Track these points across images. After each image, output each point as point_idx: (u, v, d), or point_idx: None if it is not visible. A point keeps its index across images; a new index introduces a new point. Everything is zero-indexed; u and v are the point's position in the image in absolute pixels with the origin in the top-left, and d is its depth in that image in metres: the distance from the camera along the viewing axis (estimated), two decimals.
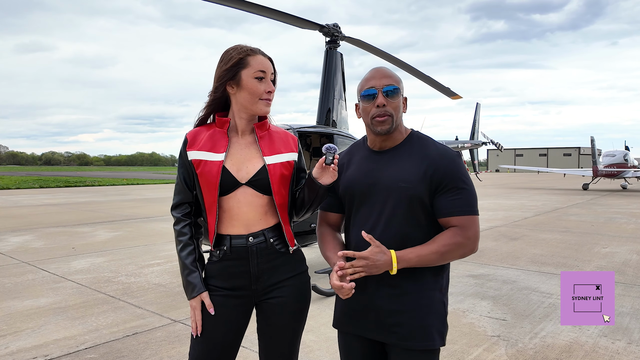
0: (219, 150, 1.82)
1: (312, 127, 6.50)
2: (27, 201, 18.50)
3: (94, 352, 3.65)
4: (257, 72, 1.79)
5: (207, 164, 1.80)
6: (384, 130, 1.73)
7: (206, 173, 1.80)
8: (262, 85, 1.80)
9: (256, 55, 1.81)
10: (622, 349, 3.67)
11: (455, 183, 1.67)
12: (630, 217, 12.65)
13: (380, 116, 1.71)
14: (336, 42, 7.11)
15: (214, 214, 1.81)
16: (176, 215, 1.88)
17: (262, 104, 1.82)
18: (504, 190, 26.03)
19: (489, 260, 7.11)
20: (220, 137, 1.85)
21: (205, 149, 1.83)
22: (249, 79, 1.79)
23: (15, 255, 7.55)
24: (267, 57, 1.84)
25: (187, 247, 1.84)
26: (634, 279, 5.91)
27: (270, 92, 1.83)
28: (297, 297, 1.87)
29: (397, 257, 1.61)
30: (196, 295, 1.79)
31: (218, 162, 1.80)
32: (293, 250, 1.89)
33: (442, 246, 1.63)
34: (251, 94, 1.80)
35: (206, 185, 1.81)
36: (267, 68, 1.82)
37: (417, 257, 1.62)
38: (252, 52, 1.81)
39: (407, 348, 1.68)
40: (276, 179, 1.83)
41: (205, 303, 1.80)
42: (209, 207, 1.82)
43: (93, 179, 39.65)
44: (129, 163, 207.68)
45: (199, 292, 1.79)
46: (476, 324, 4.28)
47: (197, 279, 1.81)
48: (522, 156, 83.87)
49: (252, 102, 1.81)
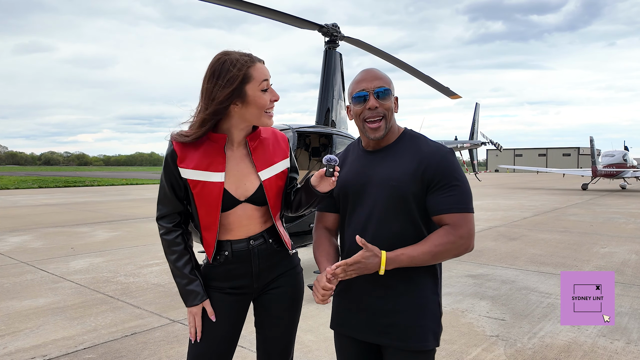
0: (217, 169, 1.73)
1: (311, 127, 6.50)
2: (26, 201, 18.47)
3: (92, 352, 3.65)
4: (262, 83, 1.68)
5: (207, 186, 1.72)
6: (379, 136, 1.72)
7: (205, 195, 1.73)
8: (268, 96, 1.71)
9: (255, 64, 1.68)
10: (620, 349, 3.67)
11: (447, 180, 1.65)
12: (629, 217, 12.65)
13: (373, 118, 1.71)
14: (335, 42, 7.10)
15: (214, 231, 1.78)
16: (165, 225, 1.80)
17: (266, 117, 1.74)
18: (503, 190, 26.04)
19: (488, 260, 7.11)
20: (216, 154, 1.75)
21: (201, 168, 1.72)
22: (256, 92, 1.68)
23: (14, 255, 7.54)
24: (262, 62, 1.73)
25: (184, 257, 1.79)
26: (633, 278, 5.91)
27: (275, 100, 1.75)
28: (293, 287, 1.92)
29: (387, 258, 1.60)
30: (198, 303, 1.78)
31: (219, 183, 1.72)
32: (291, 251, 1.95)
33: (434, 246, 1.61)
34: (259, 109, 1.71)
35: (205, 206, 1.75)
36: (268, 74, 1.72)
37: (409, 258, 1.61)
38: (251, 62, 1.68)
39: (401, 349, 1.67)
40: (273, 193, 1.83)
41: (207, 311, 1.79)
42: (207, 225, 1.78)
43: (92, 179, 39.62)
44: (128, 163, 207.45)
45: (202, 300, 1.78)
46: (475, 323, 4.28)
47: (198, 287, 1.78)
48: (521, 156, 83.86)
49: (259, 116, 1.73)
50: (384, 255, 1.60)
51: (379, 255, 1.60)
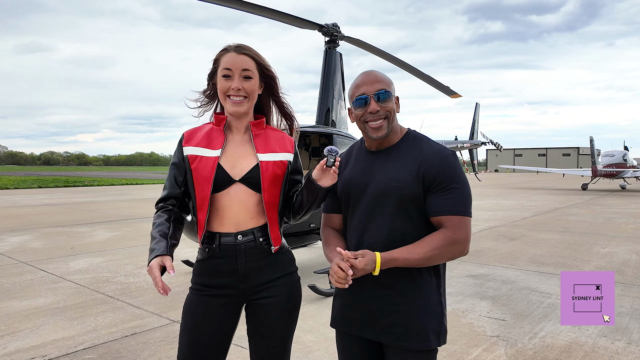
0: (215, 147, 1.83)
1: (311, 127, 6.49)
2: (26, 201, 18.46)
3: (92, 352, 3.64)
4: (222, 70, 1.79)
5: (203, 160, 1.81)
6: (381, 135, 1.72)
7: (201, 168, 1.80)
8: (228, 83, 1.79)
9: (227, 53, 1.81)
10: (621, 349, 3.67)
11: (447, 182, 1.64)
12: (629, 217, 12.66)
13: (375, 121, 1.71)
14: (335, 41, 7.10)
15: (204, 210, 1.79)
16: (158, 205, 1.88)
17: (229, 102, 1.80)
18: (503, 190, 26.04)
19: (488, 260, 7.11)
20: (217, 135, 1.86)
21: (201, 145, 1.84)
22: (219, 77, 1.81)
23: (14, 255, 7.53)
24: (244, 54, 1.80)
25: (162, 225, 1.78)
26: (633, 279, 5.91)
27: (239, 90, 1.78)
28: (287, 297, 1.86)
29: (382, 260, 1.59)
30: (153, 257, 1.67)
31: (213, 158, 1.80)
32: (277, 250, 1.85)
33: (429, 248, 1.61)
34: (220, 92, 1.81)
35: (200, 181, 1.80)
36: (234, 65, 1.77)
37: (404, 260, 1.60)
38: (225, 50, 1.82)
39: (402, 348, 1.67)
40: (268, 176, 1.81)
41: (166, 266, 1.64)
42: (200, 204, 1.81)
43: (92, 179, 39.61)
44: (128, 163, 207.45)
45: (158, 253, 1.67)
46: (475, 324, 4.28)
47: (160, 244, 1.70)
48: (521, 156, 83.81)
49: (223, 101, 1.82)
50: (379, 257, 1.60)
51: (373, 259, 1.59)
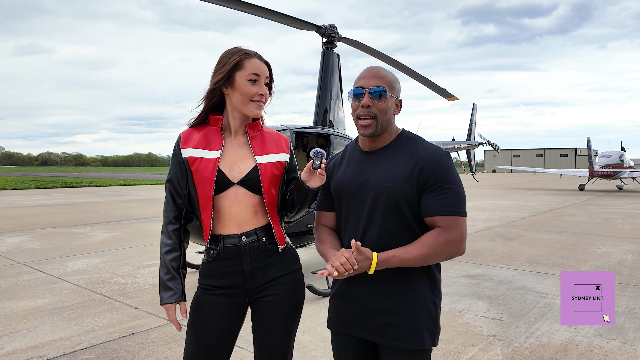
0: (214, 148, 1.85)
1: (308, 127, 6.50)
2: (23, 202, 18.42)
3: (90, 352, 3.65)
4: (250, 74, 1.82)
5: (202, 161, 1.83)
6: (368, 133, 1.73)
7: (201, 170, 1.82)
8: (255, 88, 1.83)
9: (252, 58, 1.84)
10: (617, 349, 3.69)
11: (441, 182, 1.65)
12: (626, 218, 12.70)
13: (364, 117, 1.71)
14: (333, 42, 7.11)
15: (209, 211, 1.83)
16: (166, 215, 1.91)
17: (253, 105, 1.85)
18: (500, 190, 26.08)
19: (485, 260, 7.13)
20: (214, 136, 1.89)
21: (200, 147, 1.86)
22: (243, 81, 1.82)
23: (11, 256, 7.52)
24: (264, 61, 1.87)
25: (174, 252, 1.88)
26: (630, 279, 5.94)
27: (263, 95, 1.86)
28: (291, 294, 1.90)
29: (378, 260, 1.61)
30: (172, 302, 1.84)
31: (214, 159, 1.83)
32: (283, 249, 1.90)
33: (425, 248, 1.62)
34: (243, 95, 1.83)
35: (201, 182, 1.83)
36: (262, 72, 1.84)
37: (399, 260, 1.62)
38: (248, 55, 1.84)
39: (398, 348, 1.68)
40: (267, 178, 1.85)
41: (181, 310, 1.86)
42: (203, 205, 1.84)
43: (90, 180, 39.53)
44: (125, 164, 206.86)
45: (177, 300, 1.84)
46: (472, 323, 4.29)
47: (178, 286, 1.86)
48: (518, 157, 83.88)
49: (244, 104, 1.84)
50: (375, 257, 1.61)
51: (370, 258, 1.60)
